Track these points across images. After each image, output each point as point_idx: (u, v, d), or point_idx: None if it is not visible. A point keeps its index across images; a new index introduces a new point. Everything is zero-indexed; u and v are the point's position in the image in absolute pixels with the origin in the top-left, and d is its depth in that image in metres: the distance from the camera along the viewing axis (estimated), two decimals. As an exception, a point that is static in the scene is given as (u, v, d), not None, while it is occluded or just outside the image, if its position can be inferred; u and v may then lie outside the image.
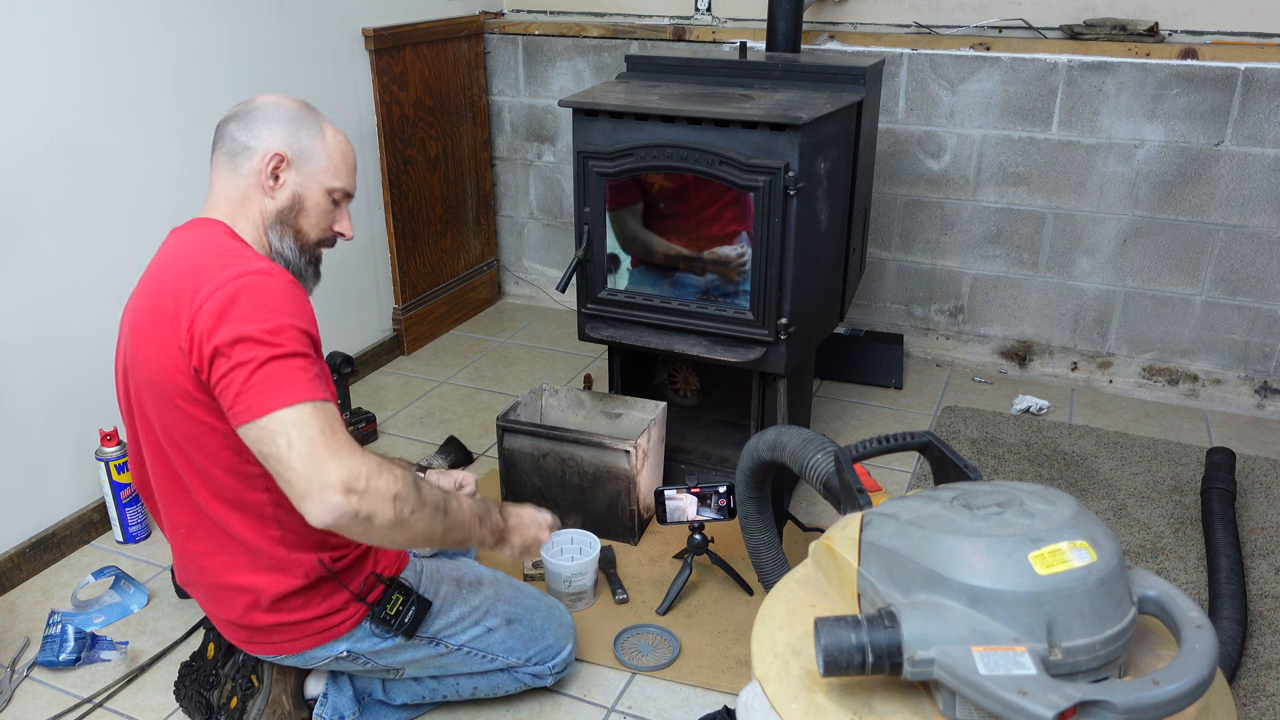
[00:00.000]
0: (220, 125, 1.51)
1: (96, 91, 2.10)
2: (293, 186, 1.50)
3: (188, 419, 1.38)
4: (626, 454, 2.11)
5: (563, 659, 1.74)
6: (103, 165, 2.14)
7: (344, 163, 1.54)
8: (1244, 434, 2.73)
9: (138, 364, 1.42)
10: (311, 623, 1.51)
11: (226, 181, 1.49)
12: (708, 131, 2.02)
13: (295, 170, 1.49)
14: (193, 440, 1.40)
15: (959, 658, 0.91)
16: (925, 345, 3.21)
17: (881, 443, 1.44)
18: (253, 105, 1.51)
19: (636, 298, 2.24)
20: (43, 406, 2.11)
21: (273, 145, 1.47)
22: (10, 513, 2.08)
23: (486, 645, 1.66)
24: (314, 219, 1.53)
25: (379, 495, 1.30)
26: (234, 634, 1.56)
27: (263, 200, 1.49)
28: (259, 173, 1.47)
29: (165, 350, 1.36)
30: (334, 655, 1.56)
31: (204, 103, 2.36)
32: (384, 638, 1.56)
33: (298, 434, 1.27)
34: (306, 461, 1.27)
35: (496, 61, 3.44)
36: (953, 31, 2.89)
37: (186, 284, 1.35)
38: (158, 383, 1.38)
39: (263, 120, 1.48)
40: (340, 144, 1.54)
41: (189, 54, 2.30)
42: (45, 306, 2.07)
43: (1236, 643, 1.83)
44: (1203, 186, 2.73)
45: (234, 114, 1.51)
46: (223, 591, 1.51)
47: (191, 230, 1.48)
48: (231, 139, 1.48)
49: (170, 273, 1.40)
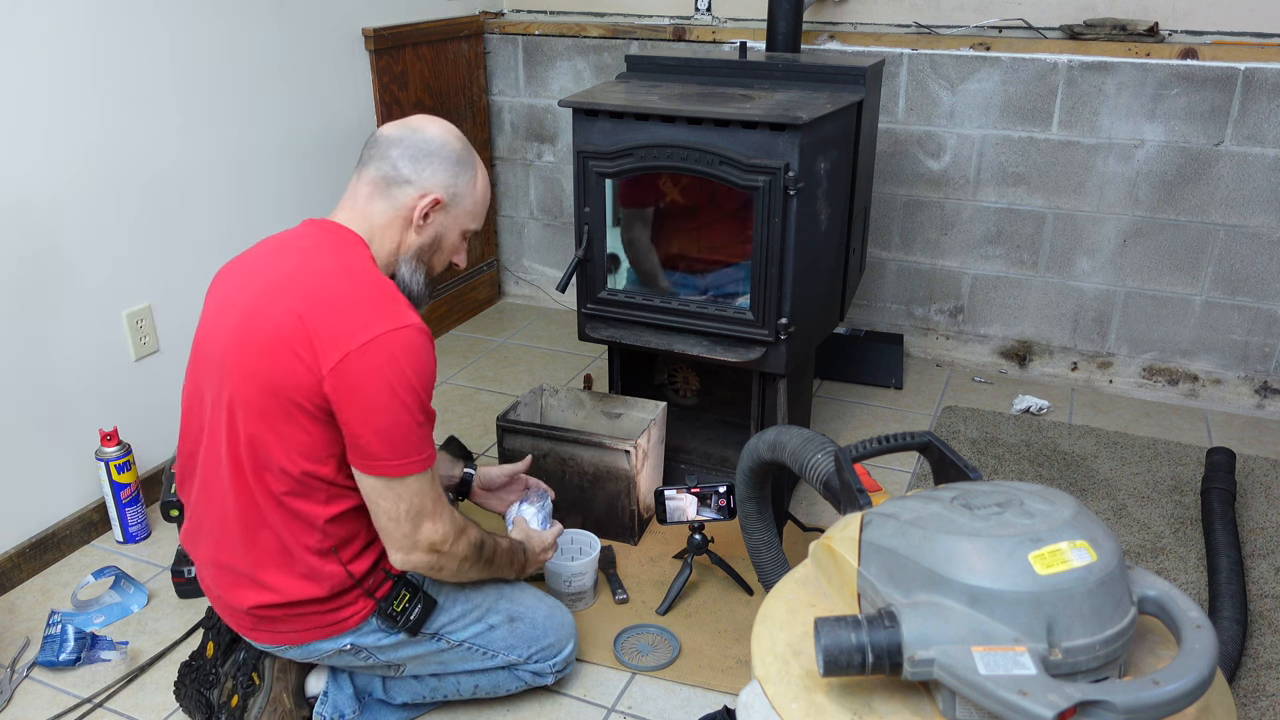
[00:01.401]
0: (382, 143, 1.51)
1: (99, 91, 2.10)
2: (437, 227, 1.55)
3: (291, 423, 1.41)
4: (626, 454, 2.11)
5: (563, 658, 1.74)
6: (103, 164, 2.14)
7: (484, 207, 1.62)
8: (1244, 434, 2.73)
9: (245, 358, 1.41)
10: (319, 615, 1.52)
11: (375, 204, 1.51)
12: (708, 131, 2.02)
13: (444, 213, 1.54)
14: (283, 440, 1.42)
15: (959, 658, 0.91)
16: (925, 345, 3.21)
17: (881, 443, 1.44)
18: (424, 136, 1.52)
19: (636, 298, 2.24)
20: (43, 406, 2.11)
21: (434, 188, 1.51)
22: (10, 513, 2.08)
23: (488, 642, 1.66)
24: (445, 255, 1.60)
25: (455, 557, 1.53)
26: (238, 620, 1.56)
27: (407, 233, 1.53)
28: (412, 209, 1.51)
29: (292, 367, 1.38)
30: (338, 648, 1.56)
31: (204, 102, 2.36)
32: (389, 633, 1.57)
33: (411, 498, 1.45)
34: (413, 522, 1.46)
35: (496, 61, 3.44)
36: (953, 31, 2.89)
37: (330, 314, 1.38)
38: (271, 386, 1.39)
39: (429, 160, 1.51)
40: (485, 189, 1.61)
41: (189, 54, 2.30)
42: (43, 305, 2.07)
43: (1236, 643, 1.83)
44: (1203, 186, 2.73)
45: (401, 138, 1.51)
46: (244, 579, 1.51)
47: (332, 239, 1.49)
48: (394, 166, 1.50)
49: (305, 283, 1.42)
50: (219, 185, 2.44)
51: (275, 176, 2.61)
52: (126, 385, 2.28)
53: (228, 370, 1.43)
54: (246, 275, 1.50)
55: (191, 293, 2.41)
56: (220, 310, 1.49)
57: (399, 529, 1.46)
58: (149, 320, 2.30)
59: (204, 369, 1.50)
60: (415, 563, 1.50)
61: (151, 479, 2.34)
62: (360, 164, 1.53)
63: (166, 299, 2.34)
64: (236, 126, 2.46)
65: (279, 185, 2.63)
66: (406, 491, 1.44)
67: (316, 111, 2.72)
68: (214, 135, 2.40)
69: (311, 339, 1.37)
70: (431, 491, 1.47)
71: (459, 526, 1.53)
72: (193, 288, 2.41)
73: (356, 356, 1.36)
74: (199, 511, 1.55)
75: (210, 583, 1.57)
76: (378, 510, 1.46)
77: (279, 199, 2.63)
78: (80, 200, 2.11)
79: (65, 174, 2.07)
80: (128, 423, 2.26)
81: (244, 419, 1.42)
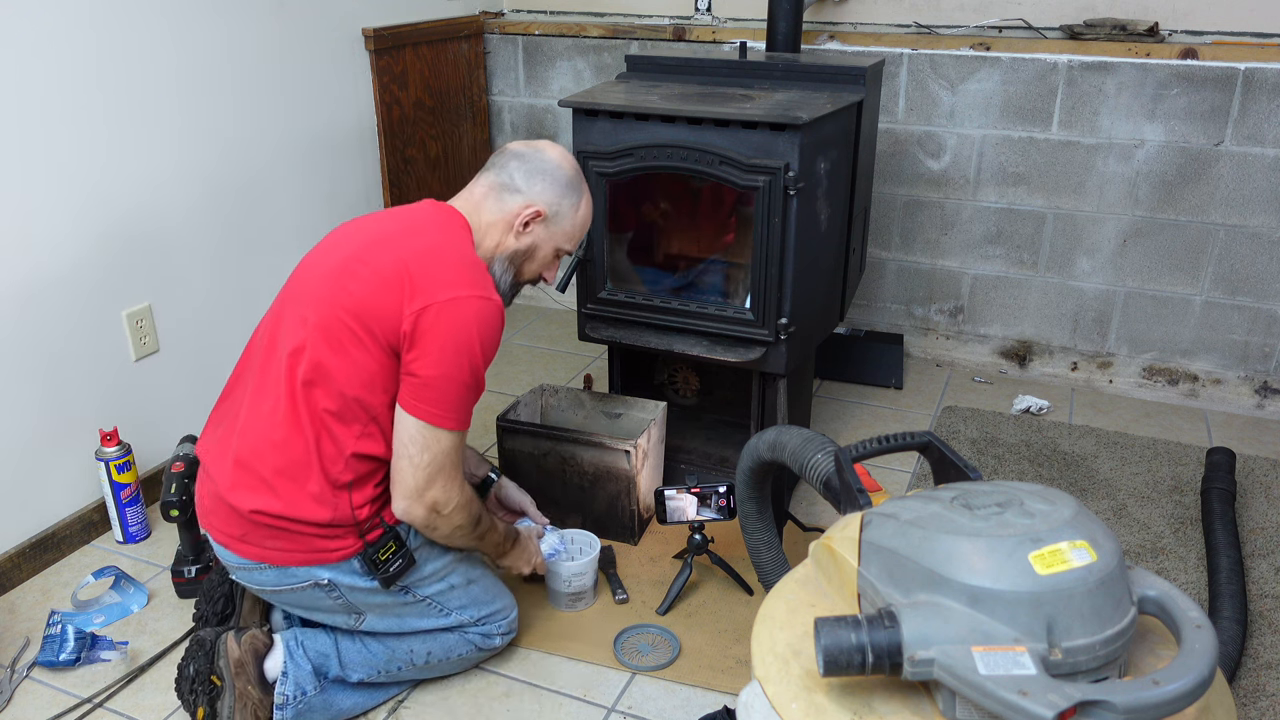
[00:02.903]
0: (506, 155, 1.72)
1: (103, 91, 2.10)
2: (534, 237, 1.72)
3: (361, 348, 1.55)
4: (626, 454, 2.11)
5: (510, 620, 1.83)
6: (103, 164, 2.14)
7: (581, 232, 1.79)
8: (1244, 434, 2.73)
9: (343, 286, 1.57)
10: (311, 539, 1.58)
11: (487, 203, 1.70)
12: (708, 131, 2.02)
13: (544, 226, 1.72)
14: (349, 363, 1.55)
15: (959, 658, 0.91)
16: (925, 345, 3.21)
17: (881, 443, 1.44)
18: (542, 155, 1.72)
19: (636, 298, 2.24)
20: (43, 406, 2.11)
21: (538, 201, 1.70)
22: (10, 513, 2.08)
23: (446, 600, 1.74)
24: (535, 266, 1.77)
25: (451, 523, 1.64)
26: (230, 526, 1.60)
27: (506, 236, 1.70)
28: (516, 215, 1.69)
29: (384, 300, 1.54)
30: (313, 580, 1.62)
31: (203, 103, 2.36)
32: (365, 578, 1.63)
33: (437, 451, 1.57)
34: (429, 476, 1.57)
35: (496, 61, 3.44)
36: (953, 31, 2.89)
37: (430, 270, 1.56)
38: (358, 312, 1.55)
39: (541, 175, 1.70)
40: (586, 217, 1.79)
41: (189, 53, 2.30)
42: (44, 306, 2.07)
43: (1236, 643, 1.83)
44: (1203, 186, 2.73)
45: (524, 153, 1.72)
46: (258, 482, 1.57)
47: (446, 218, 1.68)
48: (510, 176, 1.70)
49: (416, 243, 1.60)
50: (217, 185, 2.44)
51: (273, 177, 2.61)
52: (126, 385, 2.28)
53: (321, 295, 1.58)
54: (361, 227, 1.68)
55: (191, 293, 2.41)
56: (329, 249, 1.66)
57: (414, 477, 1.57)
58: (149, 320, 2.30)
59: (294, 292, 1.64)
60: (414, 515, 1.60)
61: (151, 479, 2.34)
62: (483, 169, 1.74)
63: (166, 299, 2.34)
64: (234, 126, 2.46)
65: (277, 185, 2.63)
66: (435, 443, 1.56)
67: (315, 112, 2.72)
68: (212, 135, 2.40)
69: (409, 283, 1.54)
70: (455, 456, 1.60)
71: (466, 498, 1.65)
72: (192, 288, 2.42)
73: (440, 307, 1.53)
74: (246, 410, 1.62)
75: (219, 483, 1.61)
76: (402, 454, 1.57)
77: (277, 199, 2.63)
78: (77, 194, 2.11)
79: (65, 169, 2.07)
80: (128, 423, 2.26)
81: (320, 339, 1.56)
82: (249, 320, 2.59)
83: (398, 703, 1.78)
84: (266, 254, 2.61)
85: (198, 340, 2.45)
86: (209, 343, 2.48)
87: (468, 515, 1.66)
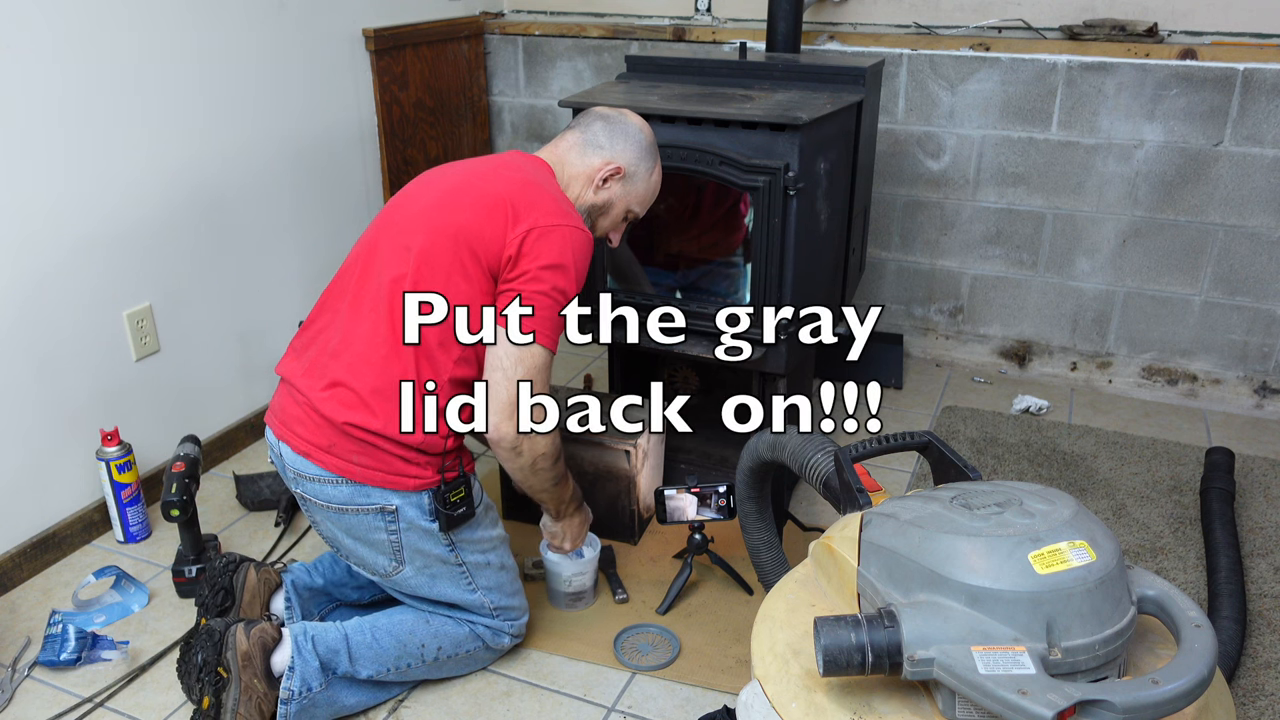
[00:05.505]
0: (592, 114, 1.86)
1: (104, 92, 2.10)
2: (610, 194, 1.83)
3: (462, 272, 1.63)
4: (626, 454, 2.12)
5: (521, 624, 1.85)
6: (103, 164, 2.14)
7: (651, 196, 1.90)
8: (1243, 434, 2.73)
9: (446, 215, 1.65)
10: (394, 460, 1.63)
11: (571, 155, 1.82)
12: (707, 132, 2.02)
13: (620, 184, 1.83)
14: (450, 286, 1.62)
15: (959, 657, 0.91)
16: (925, 345, 3.21)
17: (881, 443, 1.44)
18: (625, 118, 1.85)
19: (637, 298, 2.24)
20: (44, 406, 2.11)
21: (619, 159, 1.81)
22: (11, 512, 2.09)
23: (479, 575, 1.77)
24: (607, 223, 1.88)
25: (534, 449, 1.69)
26: (318, 435, 1.63)
27: (586, 190, 1.82)
28: (598, 170, 1.81)
29: (487, 225, 1.63)
30: (381, 505, 1.65)
31: (202, 103, 2.36)
32: (428, 517, 1.67)
33: (530, 366, 1.62)
34: (520, 389, 1.62)
35: (497, 62, 3.44)
36: (952, 32, 2.89)
37: (532, 200, 1.66)
38: (462, 237, 1.63)
39: (624, 136, 1.82)
40: (657, 183, 1.90)
41: (189, 54, 2.30)
42: (44, 305, 2.08)
43: (1236, 642, 1.83)
44: (1202, 187, 2.73)
45: (609, 115, 1.85)
46: (357, 399, 1.62)
47: (535, 164, 1.79)
48: (595, 135, 1.82)
49: (514, 177, 1.70)
50: (217, 185, 2.44)
51: (274, 177, 2.61)
52: (127, 385, 2.28)
53: (425, 225, 1.66)
54: (453, 169, 1.77)
55: (191, 293, 2.41)
56: (425, 186, 1.75)
57: (507, 391, 1.62)
58: (149, 320, 2.30)
59: (390, 226, 1.71)
60: (504, 432, 1.64)
61: (152, 479, 2.34)
62: (567, 128, 1.86)
63: (167, 299, 2.34)
64: (233, 127, 2.46)
65: (278, 185, 2.63)
66: (530, 358, 1.62)
67: (316, 112, 2.72)
68: (213, 135, 2.40)
69: (513, 210, 1.64)
70: (546, 374, 1.66)
71: (553, 426, 1.70)
72: (192, 288, 2.42)
73: (542, 231, 1.63)
74: (341, 335, 1.66)
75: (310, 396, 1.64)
76: (495, 367, 1.62)
77: (278, 199, 2.64)
78: (76, 192, 2.11)
79: (64, 168, 2.07)
80: (128, 423, 2.26)
81: (423, 264, 1.63)
82: (250, 320, 2.60)
83: (398, 702, 1.78)
84: (267, 254, 2.61)
85: (198, 340, 2.45)
86: (210, 343, 2.48)
87: (553, 445, 1.71)
